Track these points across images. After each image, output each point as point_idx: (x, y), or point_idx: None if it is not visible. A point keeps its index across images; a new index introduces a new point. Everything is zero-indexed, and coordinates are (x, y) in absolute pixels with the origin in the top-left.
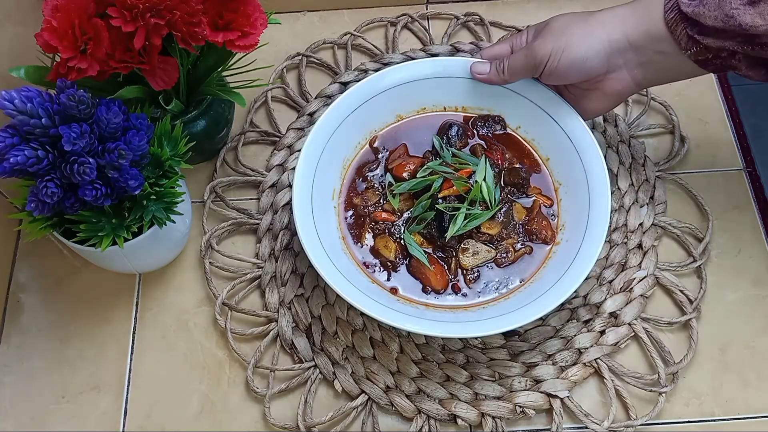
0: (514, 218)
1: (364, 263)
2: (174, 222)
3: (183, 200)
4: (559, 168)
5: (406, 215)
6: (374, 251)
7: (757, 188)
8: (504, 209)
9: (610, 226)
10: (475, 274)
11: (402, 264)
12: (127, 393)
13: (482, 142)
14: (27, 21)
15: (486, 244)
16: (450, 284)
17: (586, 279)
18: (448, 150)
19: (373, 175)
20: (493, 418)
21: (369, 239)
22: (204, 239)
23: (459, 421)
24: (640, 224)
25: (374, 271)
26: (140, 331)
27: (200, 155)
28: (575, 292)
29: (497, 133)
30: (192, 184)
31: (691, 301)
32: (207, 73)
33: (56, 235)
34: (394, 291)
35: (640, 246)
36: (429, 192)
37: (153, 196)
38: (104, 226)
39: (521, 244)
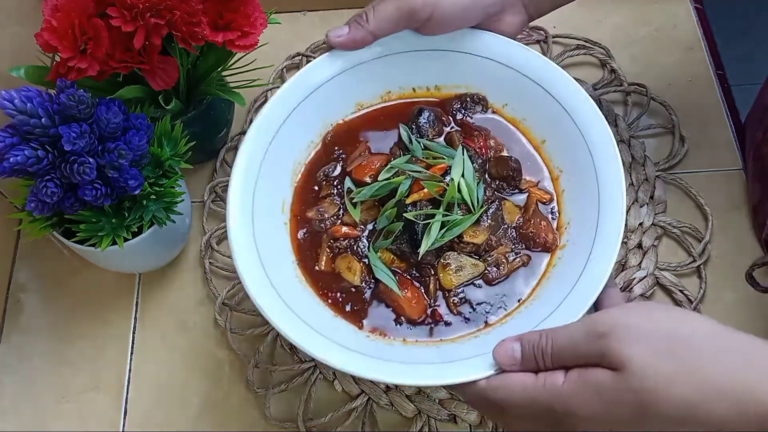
0: (504, 220)
1: (325, 291)
2: (174, 222)
3: (183, 200)
4: (558, 151)
5: (370, 227)
6: (335, 276)
7: None
8: (491, 210)
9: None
10: (461, 296)
11: (369, 289)
12: (127, 393)
13: (460, 129)
14: (27, 21)
15: (471, 257)
16: (429, 311)
17: None
18: (418, 142)
19: (330, 181)
20: None
21: (329, 262)
22: (204, 239)
23: (459, 421)
24: (640, 224)
25: (338, 300)
26: (140, 331)
27: (200, 155)
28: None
29: (478, 115)
30: (192, 184)
31: (691, 301)
32: (207, 73)
33: (56, 235)
34: (360, 325)
35: (639, 246)
36: (393, 199)
37: (153, 196)
38: (104, 226)
39: (516, 253)
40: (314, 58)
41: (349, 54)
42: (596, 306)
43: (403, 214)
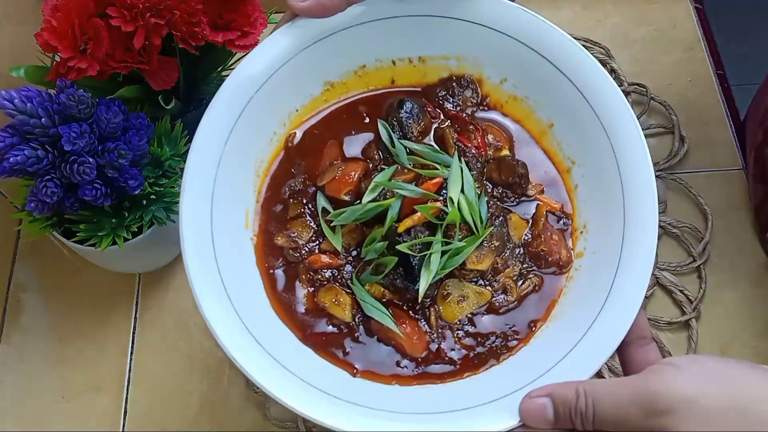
0: (510, 238)
1: (308, 333)
2: (174, 222)
3: None
4: (569, 137)
5: (355, 252)
6: (321, 311)
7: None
8: (495, 228)
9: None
10: (466, 329)
11: (362, 326)
12: (127, 393)
13: (449, 124)
14: (27, 21)
15: (474, 284)
16: (433, 347)
17: None
18: (401, 143)
19: (299, 198)
20: None
21: (311, 297)
22: None
23: None
24: None
25: (324, 342)
26: (140, 331)
27: None
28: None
29: (470, 103)
30: None
31: (691, 301)
32: (207, 73)
33: (56, 235)
34: (354, 369)
35: None
36: (383, 228)
37: (153, 196)
38: (104, 226)
39: (525, 275)
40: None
41: (316, 23)
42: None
43: (397, 247)
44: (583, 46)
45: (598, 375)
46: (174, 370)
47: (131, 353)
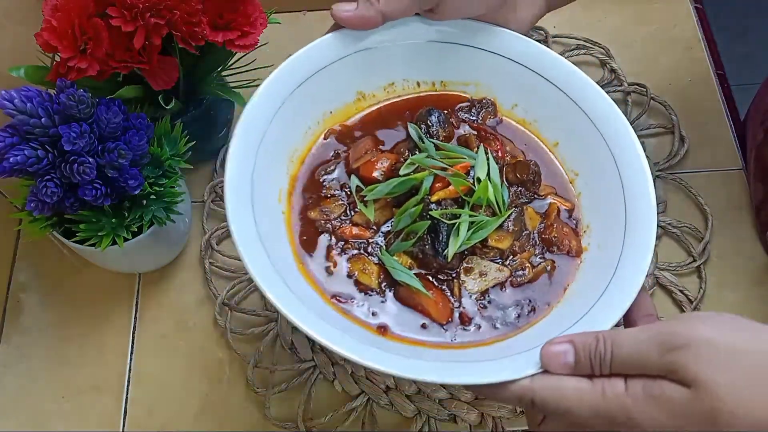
0: (526, 226)
1: (336, 296)
2: (174, 222)
3: (183, 200)
4: (573, 154)
5: (384, 228)
6: (349, 278)
7: None
8: (513, 216)
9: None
10: (488, 299)
11: (389, 292)
12: (127, 393)
13: (473, 132)
14: (27, 21)
15: (495, 262)
16: (457, 313)
17: None
18: (429, 141)
19: (332, 179)
20: (494, 418)
21: (340, 265)
22: (204, 239)
23: (459, 420)
24: None
25: (352, 305)
26: (140, 330)
27: (200, 155)
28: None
29: (489, 120)
30: (192, 184)
31: (691, 301)
32: (207, 73)
33: (56, 235)
34: (382, 330)
35: None
36: (418, 195)
37: (153, 196)
38: (104, 225)
39: (540, 258)
40: None
41: (355, 38)
42: (626, 315)
43: (429, 212)
44: (583, 46)
45: None
46: (174, 370)
47: (131, 353)
